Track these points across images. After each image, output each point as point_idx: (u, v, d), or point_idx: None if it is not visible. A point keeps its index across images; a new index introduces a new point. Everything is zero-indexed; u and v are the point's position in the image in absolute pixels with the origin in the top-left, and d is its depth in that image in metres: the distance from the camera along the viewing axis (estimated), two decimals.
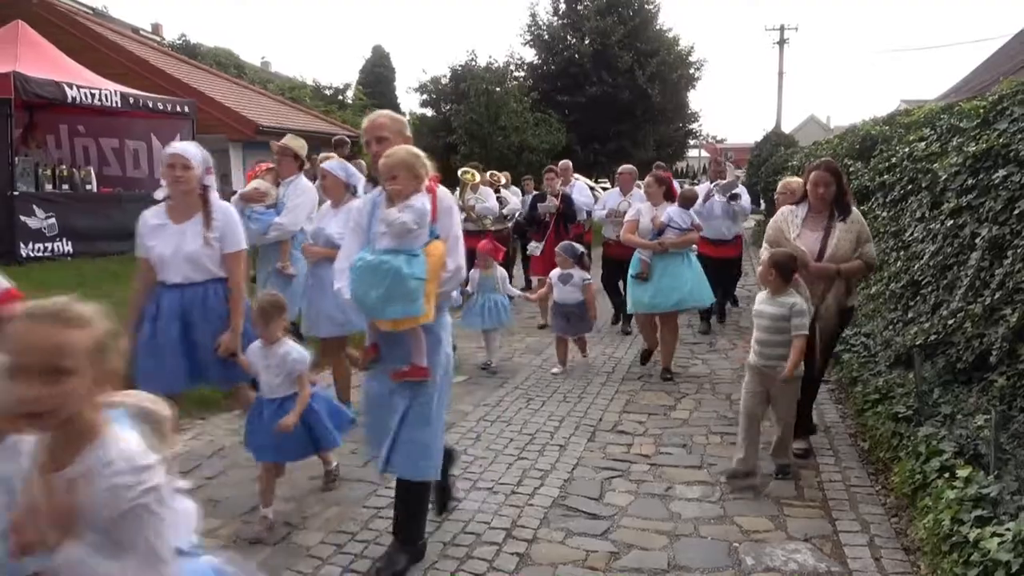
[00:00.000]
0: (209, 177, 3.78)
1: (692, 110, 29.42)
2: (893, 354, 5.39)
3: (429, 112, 26.13)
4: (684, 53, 27.29)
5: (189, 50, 28.45)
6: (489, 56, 32.81)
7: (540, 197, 9.11)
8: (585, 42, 25.05)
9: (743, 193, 8.56)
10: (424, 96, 25.74)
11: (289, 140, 5.77)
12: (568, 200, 8.93)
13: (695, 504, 4.01)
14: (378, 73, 38.21)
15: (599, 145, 24.91)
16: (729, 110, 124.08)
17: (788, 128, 37.72)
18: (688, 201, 6.78)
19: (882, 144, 8.66)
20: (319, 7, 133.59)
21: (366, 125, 3.42)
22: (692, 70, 27.72)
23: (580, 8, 25.94)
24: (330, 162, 5.12)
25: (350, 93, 32.39)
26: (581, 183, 10.53)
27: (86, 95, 11.10)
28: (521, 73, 26.25)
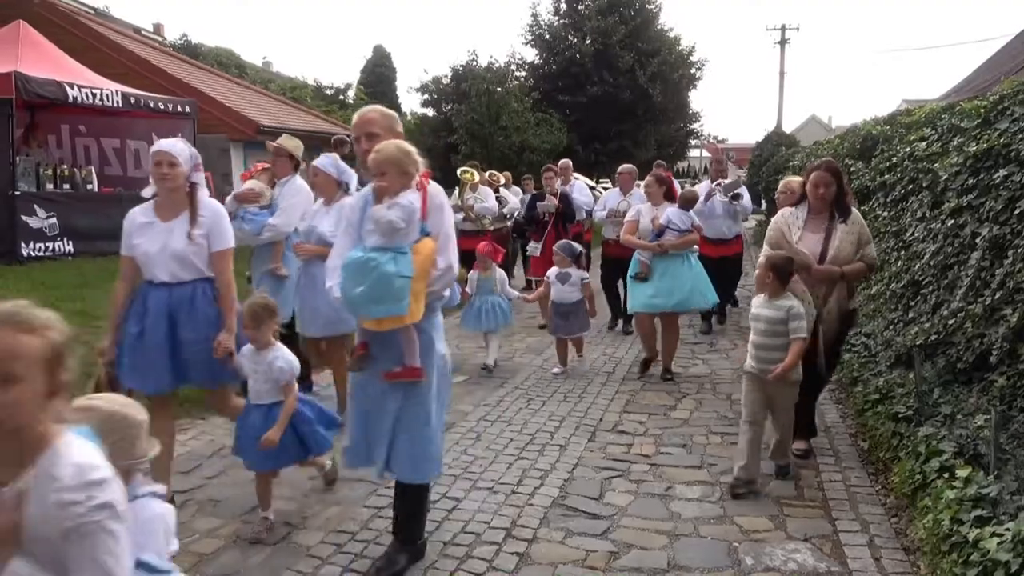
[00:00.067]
0: (197, 174, 3.68)
1: (693, 110, 29.55)
2: (893, 354, 5.39)
3: (430, 112, 26.19)
4: (685, 53, 27.35)
5: (190, 50, 28.54)
6: (490, 56, 33.07)
7: (539, 196, 9.04)
8: (586, 42, 25.09)
9: (745, 193, 8.54)
10: (425, 96, 25.80)
11: (284, 140, 5.68)
12: (567, 199, 8.83)
13: (695, 504, 4.01)
14: (379, 73, 38.30)
15: (600, 145, 24.95)
16: (730, 110, 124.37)
17: (789, 128, 37.78)
18: (688, 202, 6.72)
19: (883, 144, 8.65)
20: (320, 7, 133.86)
21: (356, 120, 3.33)
22: (693, 70, 27.79)
23: (581, 8, 25.99)
24: (321, 159, 5.01)
25: (351, 93, 32.51)
26: (581, 183, 10.50)
27: (87, 95, 11.11)
28: (522, 73, 26.32)
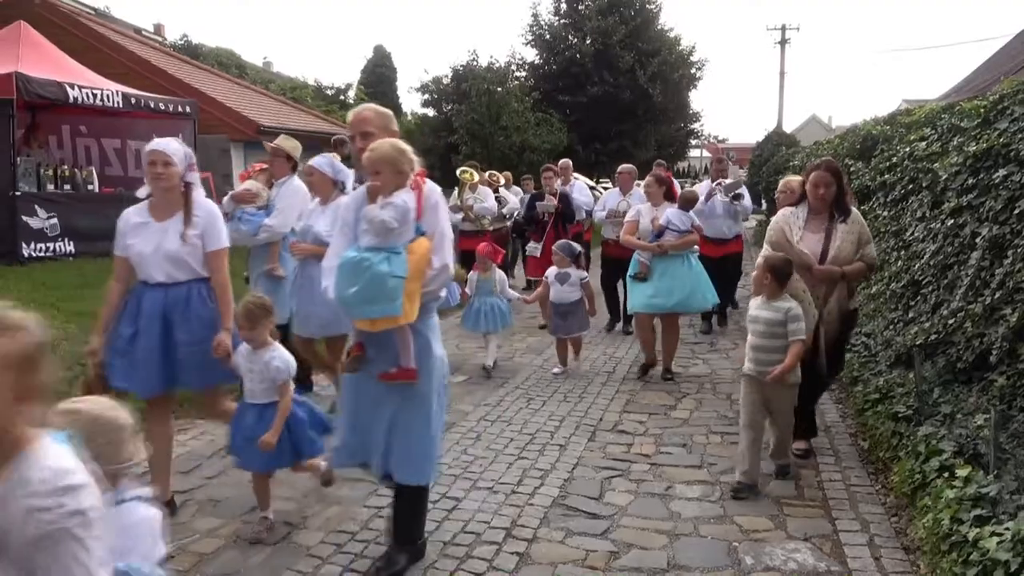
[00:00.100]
0: (192, 174, 3.66)
1: (693, 110, 29.53)
2: (893, 354, 5.39)
3: (431, 112, 26.19)
4: (685, 53, 27.35)
5: (191, 50, 28.55)
6: (490, 56, 33.10)
7: (538, 196, 9.01)
8: (586, 42, 25.09)
9: (746, 193, 8.53)
10: (426, 96, 25.80)
11: (282, 141, 5.65)
12: (567, 199, 8.78)
13: (695, 503, 4.01)
14: (380, 73, 38.28)
15: (600, 145, 24.95)
16: (730, 110, 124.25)
17: (790, 128, 37.77)
18: (688, 203, 6.68)
19: (883, 144, 8.65)
20: (321, 7, 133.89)
21: (350, 119, 3.30)
22: (693, 70, 27.78)
23: (581, 8, 25.99)
24: (317, 158, 4.97)
25: (352, 93, 32.50)
26: (581, 183, 10.48)
27: (88, 95, 11.11)
28: (522, 73, 26.33)
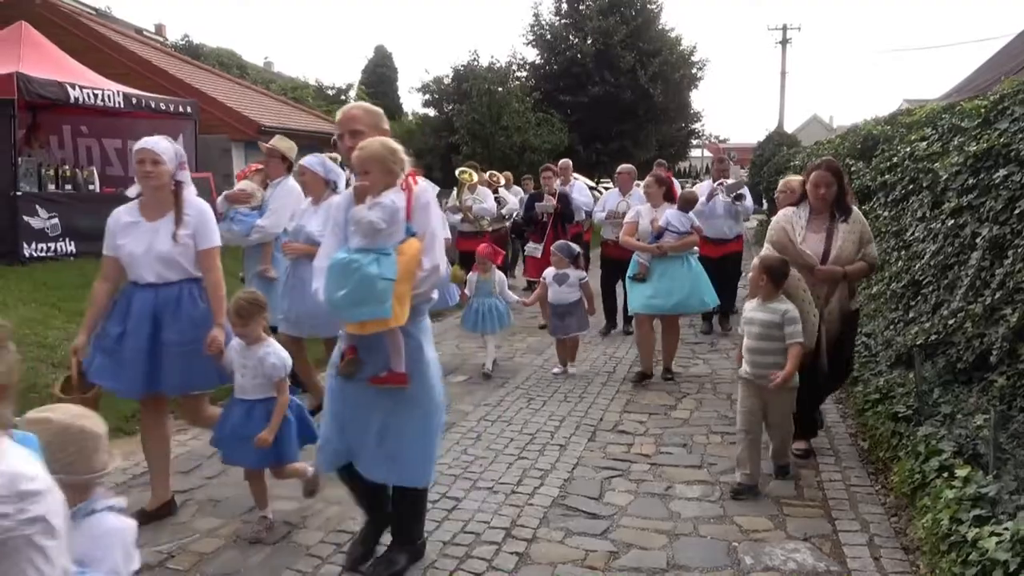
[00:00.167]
0: (182, 172, 3.62)
1: (694, 110, 29.52)
2: (894, 354, 5.39)
3: (431, 112, 26.19)
4: (686, 53, 27.35)
5: (192, 50, 28.57)
6: (491, 56, 33.09)
7: (537, 197, 8.98)
8: (587, 42, 25.08)
9: (748, 194, 8.51)
10: (426, 96, 25.80)
11: (277, 141, 5.63)
12: (566, 200, 8.73)
13: (695, 503, 4.01)
14: (380, 73, 38.28)
15: (601, 145, 24.95)
16: (731, 110, 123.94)
17: (791, 128, 37.75)
18: (687, 203, 6.62)
19: (883, 144, 8.66)
20: (322, 7, 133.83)
21: (339, 117, 3.24)
22: (694, 70, 27.78)
23: (582, 8, 25.98)
24: (308, 158, 4.94)
25: (352, 93, 32.53)
26: (580, 183, 10.43)
27: (89, 95, 11.11)
28: (523, 73, 26.34)
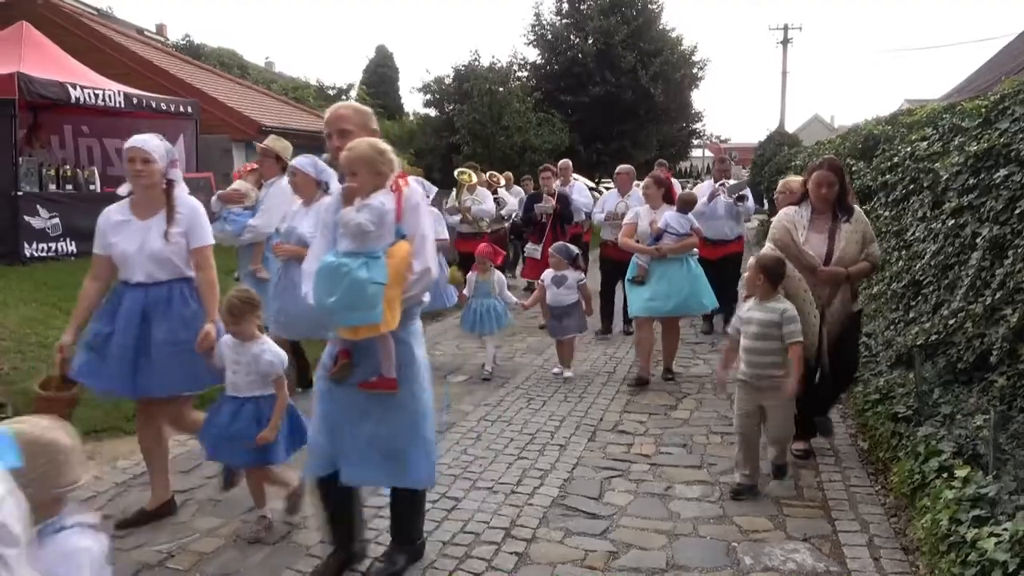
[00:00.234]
0: (174, 171, 3.60)
1: (695, 110, 29.55)
2: (894, 354, 5.38)
3: (432, 112, 26.18)
4: (687, 53, 27.37)
5: (193, 51, 28.55)
6: (492, 56, 33.02)
7: (536, 197, 8.93)
8: (588, 42, 25.10)
9: (750, 195, 8.49)
10: (427, 96, 25.78)
11: (272, 141, 5.61)
12: (566, 200, 8.66)
13: (694, 504, 4.01)
14: (382, 73, 38.25)
15: (602, 145, 24.95)
16: (733, 110, 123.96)
17: (792, 127, 37.74)
18: (687, 205, 6.58)
19: (884, 144, 8.66)
20: (323, 7, 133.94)
21: (327, 117, 3.18)
22: (695, 70, 27.81)
23: (583, 8, 25.99)
24: (300, 159, 4.91)
25: (353, 93, 32.53)
26: (580, 183, 10.37)
27: (90, 95, 11.12)
28: (524, 73, 26.36)
